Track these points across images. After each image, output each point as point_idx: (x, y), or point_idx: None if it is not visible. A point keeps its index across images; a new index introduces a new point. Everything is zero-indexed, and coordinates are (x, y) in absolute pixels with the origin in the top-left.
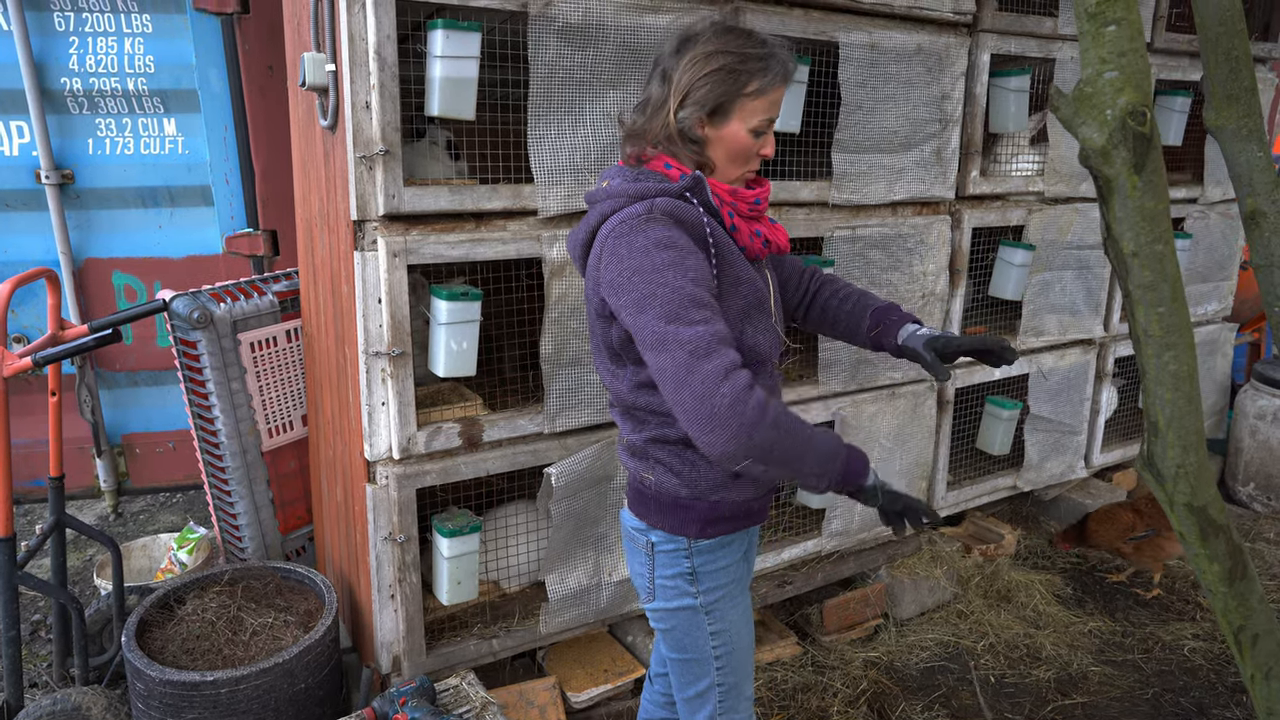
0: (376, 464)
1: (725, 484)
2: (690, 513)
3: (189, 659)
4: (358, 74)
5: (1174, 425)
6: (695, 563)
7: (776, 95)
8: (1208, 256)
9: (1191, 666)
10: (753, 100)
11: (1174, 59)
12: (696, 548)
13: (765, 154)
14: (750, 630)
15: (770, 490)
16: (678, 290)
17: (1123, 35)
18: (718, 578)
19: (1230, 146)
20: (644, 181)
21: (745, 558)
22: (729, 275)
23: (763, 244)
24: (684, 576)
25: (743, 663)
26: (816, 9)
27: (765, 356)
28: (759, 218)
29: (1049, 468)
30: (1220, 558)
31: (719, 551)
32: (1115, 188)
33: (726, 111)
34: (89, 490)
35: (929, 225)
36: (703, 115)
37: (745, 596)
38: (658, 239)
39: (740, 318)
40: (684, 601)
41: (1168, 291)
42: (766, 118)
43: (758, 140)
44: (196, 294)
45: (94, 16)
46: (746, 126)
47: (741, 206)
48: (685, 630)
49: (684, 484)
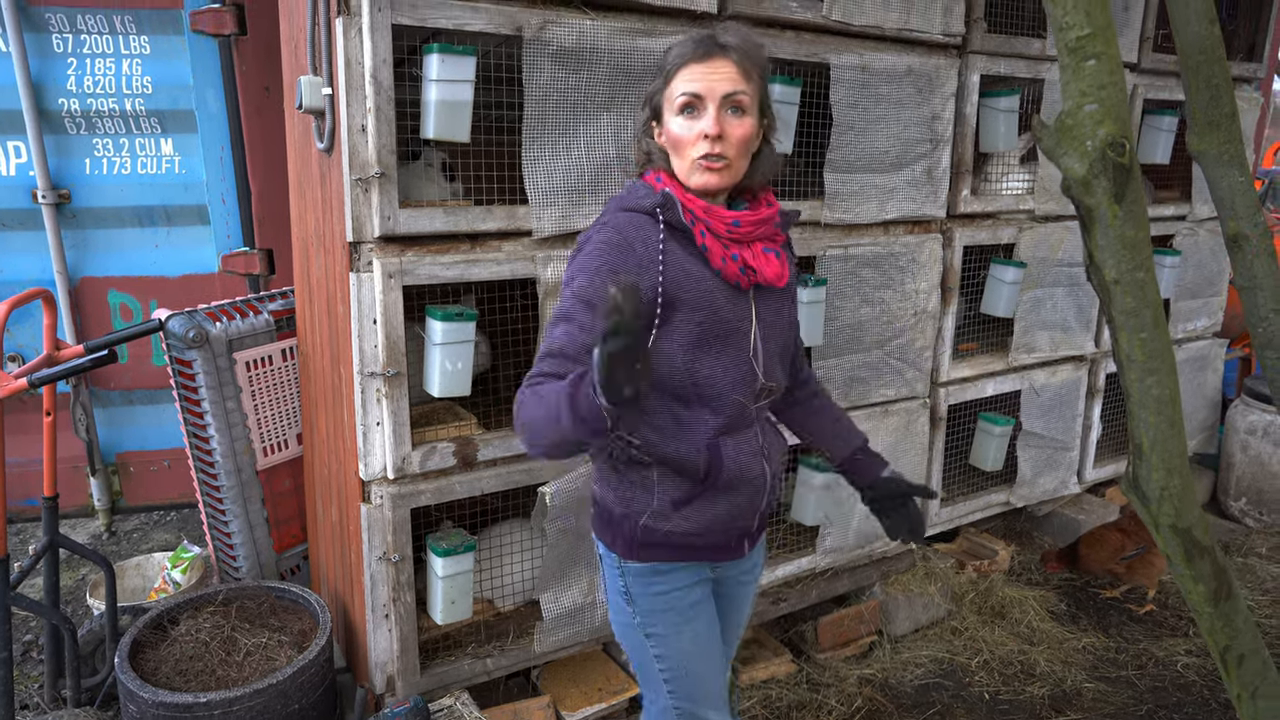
0: (371, 483)
1: (661, 512)
2: (620, 530)
3: (182, 680)
4: (354, 97)
5: (1157, 448)
6: (629, 583)
7: (694, 71)
8: (1197, 273)
9: (1185, 683)
10: (669, 84)
11: (1161, 79)
12: (628, 569)
13: (706, 132)
14: (709, 658)
15: (734, 530)
16: (571, 295)
17: (1102, 69)
18: (653, 602)
19: (1212, 171)
20: (629, 193)
21: (697, 588)
22: (683, 298)
23: (740, 269)
24: (621, 594)
25: (698, 688)
26: (808, 31)
27: (721, 391)
28: (747, 242)
29: (1042, 483)
30: (1205, 578)
31: (654, 578)
32: (1096, 217)
33: (660, 107)
34: (83, 509)
35: (921, 244)
36: (652, 122)
37: (698, 624)
38: (596, 245)
39: (692, 344)
40: (624, 619)
41: (1149, 317)
42: (685, 92)
43: (689, 121)
44: (192, 313)
45: (92, 38)
46: (672, 112)
47: (717, 226)
48: (631, 647)
49: (619, 501)
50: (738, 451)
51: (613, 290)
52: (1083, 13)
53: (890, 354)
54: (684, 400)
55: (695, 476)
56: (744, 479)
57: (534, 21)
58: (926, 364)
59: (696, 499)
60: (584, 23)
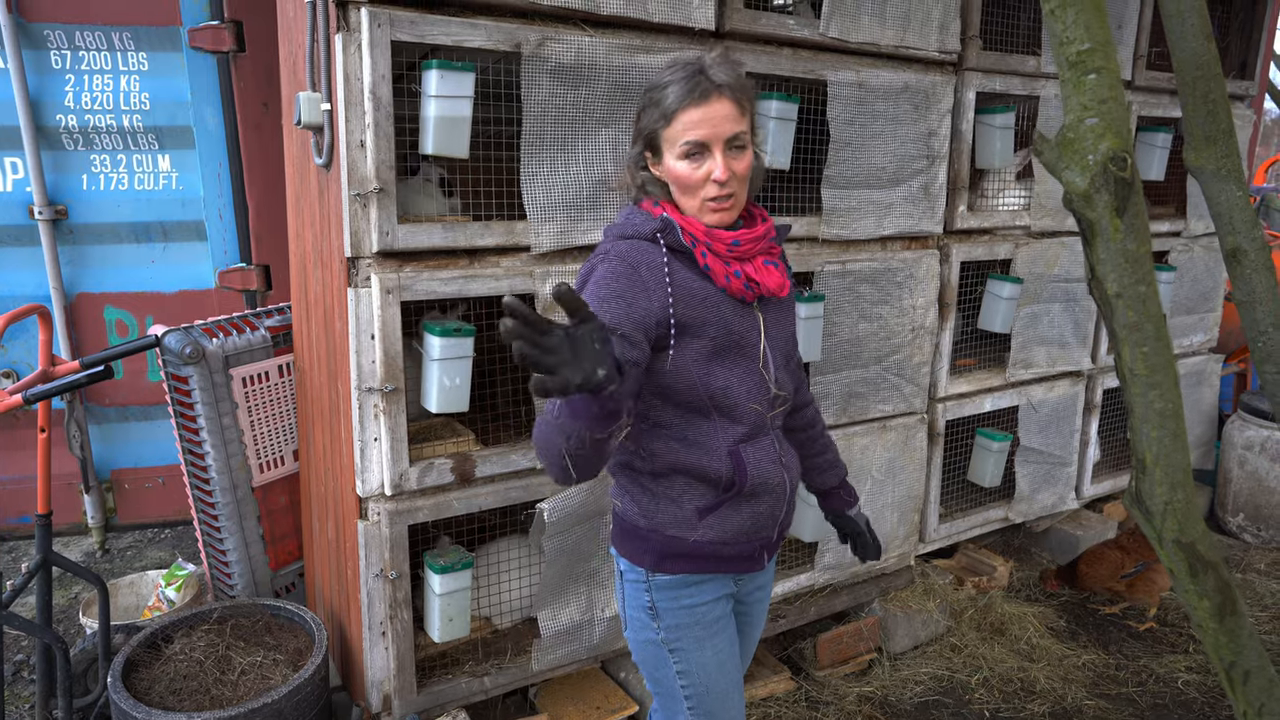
0: (368, 500)
1: (686, 521)
2: (646, 543)
3: (176, 700)
4: (353, 113)
5: (1161, 462)
6: (655, 597)
7: (693, 116)
8: (1192, 289)
9: (1185, 700)
10: (667, 128)
11: (1155, 96)
12: (655, 582)
13: (715, 178)
14: (730, 674)
15: (756, 540)
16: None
17: (1103, 83)
18: (679, 616)
19: (1210, 186)
20: (626, 221)
21: (722, 603)
22: (694, 316)
23: (744, 284)
24: (645, 610)
25: (720, 705)
26: (805, 48)
27: (737, 401)
28: (748, 258)
29: (1040, 499)
30: (1210, 593)
31: (681, 590)
32: (1098, 230)
33: (657, 145)
34: (76, 526)
35: (918, 259)
36: (647, 153)
37: (720, 640)
38: (601, 276)
39: (706, 358)
40: (647, 635)
41: (1151, 331)
42: (689, 140)
43: (694, 165)
44: (189, 329)
45: (90, 54)
46: (674, 155)
47: (718, 247)
48: (653, 664)
49: (642, 514)
50: (759, 458)
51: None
52: (1083, 27)
53: (888, 369)
54: (703, 412)
55: (719, 484)
56: (766, 485)
57: (532, 38)
58: (924, 380)
59: (721, 506)
60: (582, 39)
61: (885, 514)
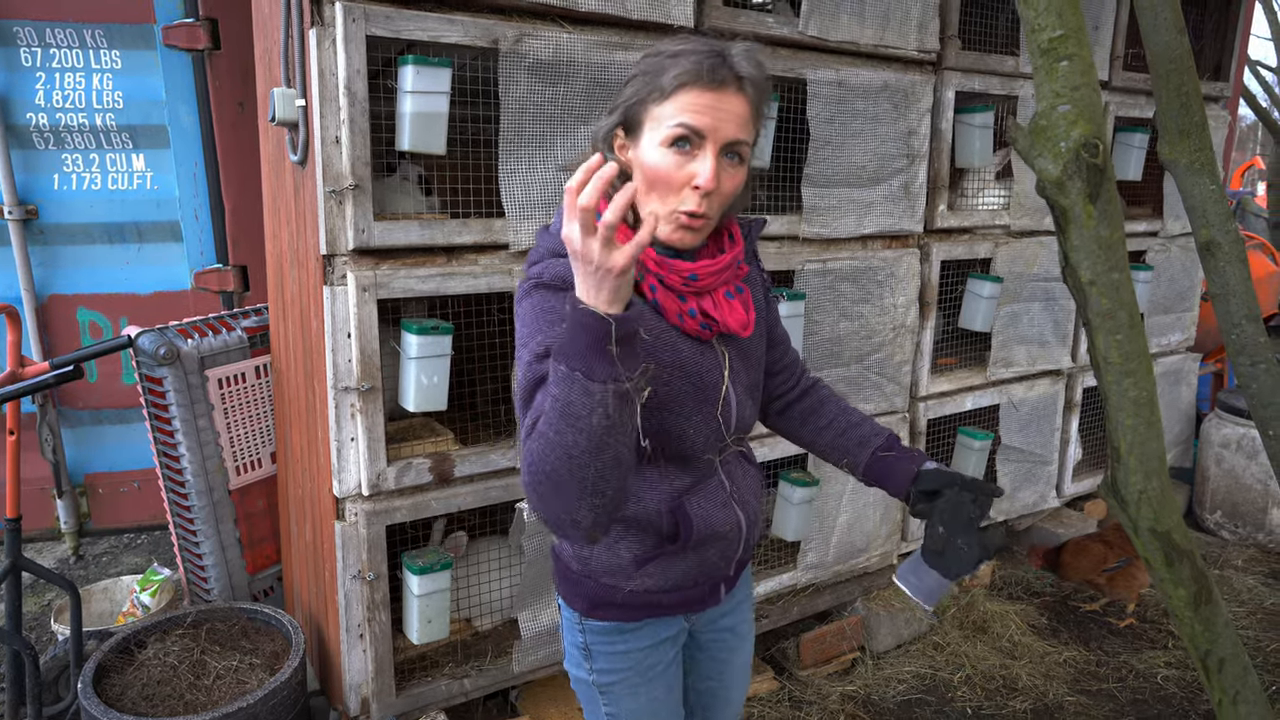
0: (345, 501)
1: (622, 570)
2: (579, 588)
3: (149, 706)
4: (328, 109)
5: (1135, 450)
6: (588, 640)
7: (701, 99)
8: (1169, 288)
9: (1165, 695)
10: (660, 103)
11: (1131, 97)
12: (588, 625)
13: (700, 184)
14: None
15: (705, 584)
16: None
17: (1075, 70)
18: (613, 661)
19: (1184, 179)
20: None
21: (662, 648)
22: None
23: (699, 325)
24: (579, 649)
25: None
26: (785, 47)
27: (689, 453)
28: (706, 292)
29: (1022, 497)
30: (1185, 582)
31: (615, 636)
32: (1071, 218)
33: (638, 120)
34: (49, 532)
35: (899, 258)
36: (619, 130)
37: (656, 688)
38: (533, 308)
39: (655, 405)
40: (580, 674)
41: (1125, 318)
42: (683, 122)
43: (680, 158)
44: (163, 330)
45: (62, 52)
46: (657, 138)
47: (672, 279)
48: (585, 702)
49: (576, 557)
50: (706, 508)
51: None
52: (1055, 14)
53: (869, 368)
54: (648, 459)
55: (659, 534)
56: (715, 535)
57: (510, 34)
58: (905, 378)
59: (661, 557)
60: (560, 35)
61: (867, 513)
